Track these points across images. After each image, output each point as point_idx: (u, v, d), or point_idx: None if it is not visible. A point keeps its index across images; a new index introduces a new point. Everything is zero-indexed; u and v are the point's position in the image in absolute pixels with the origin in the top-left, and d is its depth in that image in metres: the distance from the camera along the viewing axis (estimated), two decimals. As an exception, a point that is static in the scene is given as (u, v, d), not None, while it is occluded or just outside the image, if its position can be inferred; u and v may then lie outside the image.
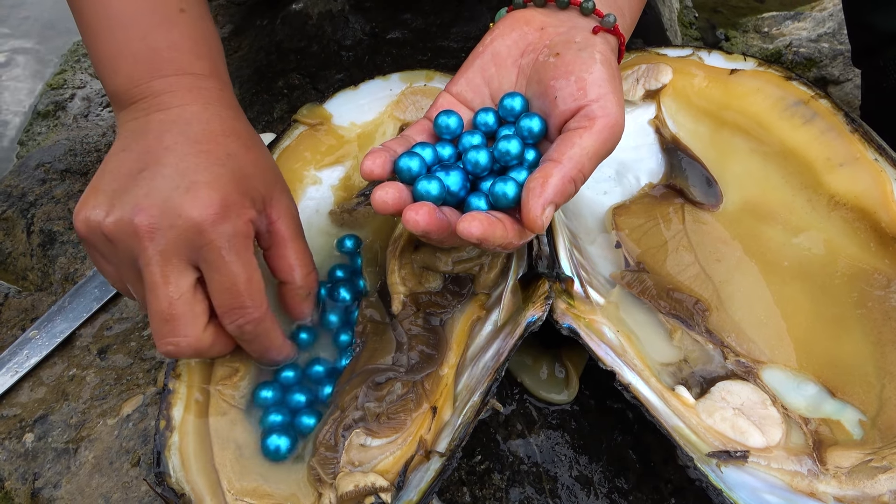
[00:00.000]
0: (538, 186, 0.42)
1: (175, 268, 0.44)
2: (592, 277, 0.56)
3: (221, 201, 0.44)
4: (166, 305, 0.44)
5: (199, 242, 0.44)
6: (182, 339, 0.45)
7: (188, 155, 0.46)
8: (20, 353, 0.64)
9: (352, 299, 0.57)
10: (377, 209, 0.43)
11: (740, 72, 0.64)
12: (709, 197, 0.61)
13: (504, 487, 0.53)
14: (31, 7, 1.17)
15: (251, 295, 0.46)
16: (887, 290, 0.54)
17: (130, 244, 0.44)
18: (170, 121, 0.48)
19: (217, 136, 0.48)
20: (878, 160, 0.57)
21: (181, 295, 0.44)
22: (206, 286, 0.46)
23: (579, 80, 0.46)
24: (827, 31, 1.05)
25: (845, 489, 0.46)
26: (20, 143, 0.94)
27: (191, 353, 0.46)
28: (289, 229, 0.50)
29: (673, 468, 0.53)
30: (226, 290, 0.45)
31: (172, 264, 0.44)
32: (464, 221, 0.41)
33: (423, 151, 0.46)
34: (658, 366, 0.53)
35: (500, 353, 0.49)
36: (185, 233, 0.44)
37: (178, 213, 0.43)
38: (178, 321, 0.45)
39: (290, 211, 0.51)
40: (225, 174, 0.46)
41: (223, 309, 0.46)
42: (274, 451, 0.50)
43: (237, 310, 0.46)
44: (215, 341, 0.47)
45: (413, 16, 0.92)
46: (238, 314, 0.46)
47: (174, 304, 0.44)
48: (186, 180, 0.45)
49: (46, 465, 0.58)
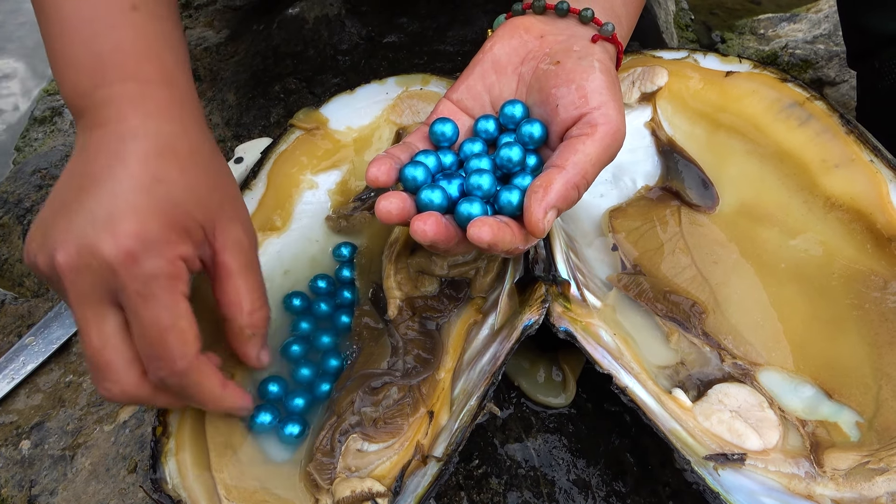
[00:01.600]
0: (540, 190, 0.42)
1: (96, 311, 0.40)
2: (589, 280, 0.56)
3: (138, 238, 0.39)
4: (92, 351, 0.41)
5: (114, 284, 0.40)
6: (114, 386, 0.41)
7: (113, 181, 0.41)
8: (16, 359, 0.64)
9: (332, 309, 0.57)
10: (382, 219, 0.43)
11: (736, 74, 0.64)
12: (705, 199, 0.61)
13: (502, 492, 0.53)
14: (28, 13, 1.17)
15: (171, 344, 0.40)
16: (884, 291, 0.54)
17: (57, 285, 0.41)
18: (105, 139, 0.43)
19: (149, 157, 0.42)
20: (873, 161, 0.57)
21: (106, 341, 0.41)
22: None
23: (580, 88, 0.46)
24: (823, 33, 1.05)
25: (842, 491, 0.46)
26: (17, 149, 0.94)
27: (128, 400, 0.42)
28: (235, 261, 0.45)
29: (670, 471, 0.53)
30: (142, 337, 0.40)
31: (93, 308, 0.40)
32: (474, 227, 0.41)
33: (426, 160, 0.46)
34: (655, 369, 0.53)
35: (496, 356, 0.49)
36: (101, 273, 0.39)
37: (92, 251, 0.39)
38: (108, 368, 0.41)
39: (237, 240, 0.46)
40: (149, 204, 0.41)
41: (144, 358, 0.41)
42: (288, 436, 0.50)
43: (155, 360, 0.41)
44: (158, 391, 0.43)
45: (409, 20, 0.92)
46: (156, 365, 0.41)
47: (100, 351, 0.41)
48: (104, 212, 0.40)
49: (43, 472, 0.58)
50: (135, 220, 0.40)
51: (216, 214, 0.45)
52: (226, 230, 0.45)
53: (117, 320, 0.41)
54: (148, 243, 0.40)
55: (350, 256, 0.60)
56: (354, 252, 0.60)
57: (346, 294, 0.58)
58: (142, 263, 0.39)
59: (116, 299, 0.40)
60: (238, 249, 0.46)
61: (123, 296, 0.40)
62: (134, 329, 0.41)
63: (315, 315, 0.57)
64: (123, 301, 0.40)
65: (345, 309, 0.57)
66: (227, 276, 0.45)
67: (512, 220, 0.44)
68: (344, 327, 0.56)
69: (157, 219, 0.40)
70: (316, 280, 0.59)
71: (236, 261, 0.45)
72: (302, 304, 0.58)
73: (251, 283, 0.46)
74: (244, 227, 0.47)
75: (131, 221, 0.39)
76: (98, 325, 0.40)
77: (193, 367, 0.42)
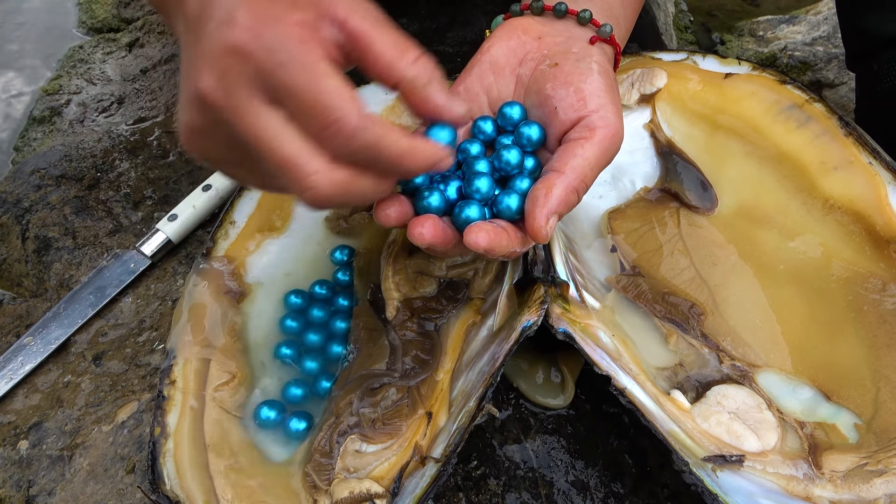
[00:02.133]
0: (542, 197, 0.42)
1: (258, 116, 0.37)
2: (588, 282, 0.56)
3: (250, 13, 0.37)
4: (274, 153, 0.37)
5: (253, 70, 0.37)
6: (311, 181, 0.37)
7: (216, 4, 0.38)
8: (15, 359, 0.64)
9: (329, 315, 0.57)
10: (381, 223, 0.43)
11: (735, 76, 0.64)
12: (704, 201, 0.61)
13: (500, 493, 0.53)
14: (27, 13, 1.17)
15: (330, 103, 0.37)
16: (882, 293, 0.54)
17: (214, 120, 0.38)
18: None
19: None
20: (872, 164, 0.57)
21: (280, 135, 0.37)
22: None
23: (578, 90, 0.46)
24: (822, 35, 1.06)
25: (841, 493, 0.46)
26: (15, 149, 0.94)
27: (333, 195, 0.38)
28: (364, 21, 0.40)
29: (669, 473, 0.53)
30: (302, 113, 0.37)
31: (255, 113, 0.37)
32: (471, 233, 0.41)
33: None
34: (654, 370, 0.53)
35: (495, 358, 0.49)
36: (238, 66, 0.37)
37: (222, 50, 0.37)
38: (296, 163, 0.37)
39: (356, 5, 0.41)
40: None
41: (315, 137, 0.37)
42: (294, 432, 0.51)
43: (325, 130, 0.37)
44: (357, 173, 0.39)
45: (408, 21, 0.92)
46: (330, 135, 0.37)
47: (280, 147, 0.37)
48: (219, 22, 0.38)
49: (41, 473, 0.58)
50: (244, 7, 0.37)
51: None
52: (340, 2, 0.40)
53: (283, 115, 0.38)
54: (263, 16, 0.37)
55: (347, 260, 0.60)
56: (352, 255, 0.60)
57: (342, 301, 0.58)
58: (265, 34, 0.37)
59: (272, 97, 0.38)
60: (362, 10, 0.41)
61: (267, 78, 0.37)
62: (291, 107, 0.37)
63: (311, 321, 0.58)
64: (272, 85, 0.37)
65: (341, 314, 0.57)
66: (365, 39, 0.40)
67: (509, 225, 0.44)
68: (341, 332, 0.57)
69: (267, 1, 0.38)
70: (314, 286, 0.59)
71: (365, 21, 0.40)
72: (303, 302, 0.58)
73: (394, 37, 0.41)
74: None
75: (242, 9, 0.37)
76: (267, 124, 0.37)
77: (367, 121, 0.37)
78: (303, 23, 0.38)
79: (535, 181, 0.44)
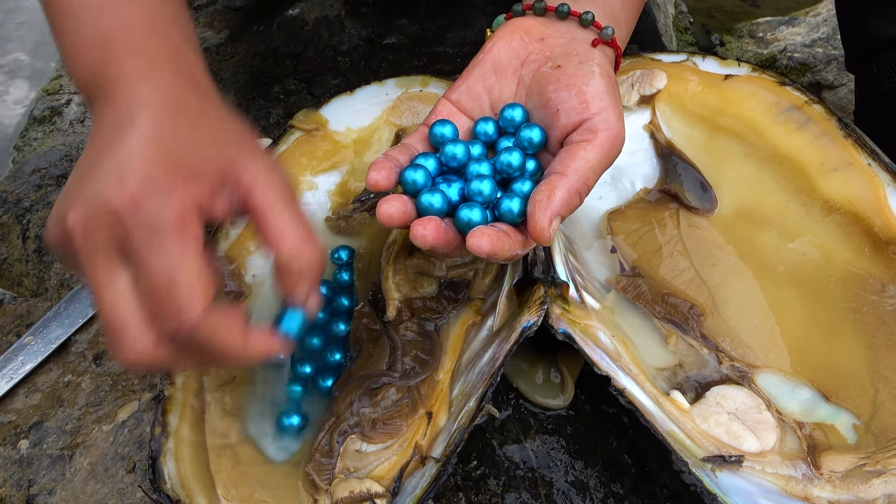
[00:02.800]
0: (544, 199, 0.42)
1: (106, 268, 0.38)
2: (588, 282, 0.56)
3: (142, 183, 0.37)
4: (105, 311, 0.38)
5: (122, 235, 0.37)
6: (131, 349, 0.38)
7: (124, 142, 0.39)
8: (15, 359, 0.64)
9: (329, 317, 0.57)
10: (383, 223, 0.43)
11: (734, 77, 0.64)
12: (703, 202, 0.61)
13: (500, 493, 0.53)
14: (27, 12, 1.17)
15: (178, 294, 0.37)
16: (881, 294, 0.54)
17: (70, 251, 0.39)
18: (118, 111, 0.42)
19: (160, 115, 0.41)
20: (871, 165, 0.57)
21: (118, 298, 0.37)
22: None
23: (580, 93, 0.46)
24: (821, 37, 1.06)
25: (840, 493, 0.47)
26: (16, 149, 0.94)
27: (148, 366, 0.38)
28: (268, 195, 0.41)
29: (668, 473, 0.53)
30: (147, 288, 0.37)
31: (103, 264, 0.38)
32: (473, 237, 0.41)
33: (426, 162, 0.46)
34: (653, 370, 0.53)
35: (495, 358, 0.49)
36: (109, 224, 0.37)
37: (100, 203, 0.37)
38: (123, 329, 0.38)
39: (265, 175, 0.42)
40: (156, 154, 0.39)
41: (151, 314, 0.38)
42: (287, 426, 0.51)
43: (161, 313, 0.37)
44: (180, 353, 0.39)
45: (409, 21, 0.92)
46: (164, 319, 0.37)
47: (112, 308, 0.37)
48: (114, 168, 0.38)
49: (41, 472, 0.58)
50: (141, 169, 0.38)
51: (235, 155, 0.42)
52: (250, 167, 0.42)
53: (130, 277, 0.38)
54: (152, 188, 0.37)
55: (347, 260, 0.60)
56: (352, 256, 0.60)
57: (343, 301, 0.58)
58: (145, 208, 0.37)
59: (128, 258, 0.38)
60: (268, 184, 0.42)
61: (130, 245, 0.37)
62: (139, 280, 0.37)
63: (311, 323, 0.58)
64: (130, 251, 0.37)
65: (341, 316, 0.57)
66: (262, 211, 0.41)
67: (511, 228, 0.44)
68: (341, 334, 0.57)
69: (163, 165, 0.38)
70: None
71: (269, 194, 0.41)
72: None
73: (290, 216, 0.42)
74: (270, 164, 0.43)
75: (137, 170, 0.38)
76: (109, 282, 0.37)
77: (205, 320, 0.37)
78: (192, 201, 0.38)
79: (537, 184, 0.45)
